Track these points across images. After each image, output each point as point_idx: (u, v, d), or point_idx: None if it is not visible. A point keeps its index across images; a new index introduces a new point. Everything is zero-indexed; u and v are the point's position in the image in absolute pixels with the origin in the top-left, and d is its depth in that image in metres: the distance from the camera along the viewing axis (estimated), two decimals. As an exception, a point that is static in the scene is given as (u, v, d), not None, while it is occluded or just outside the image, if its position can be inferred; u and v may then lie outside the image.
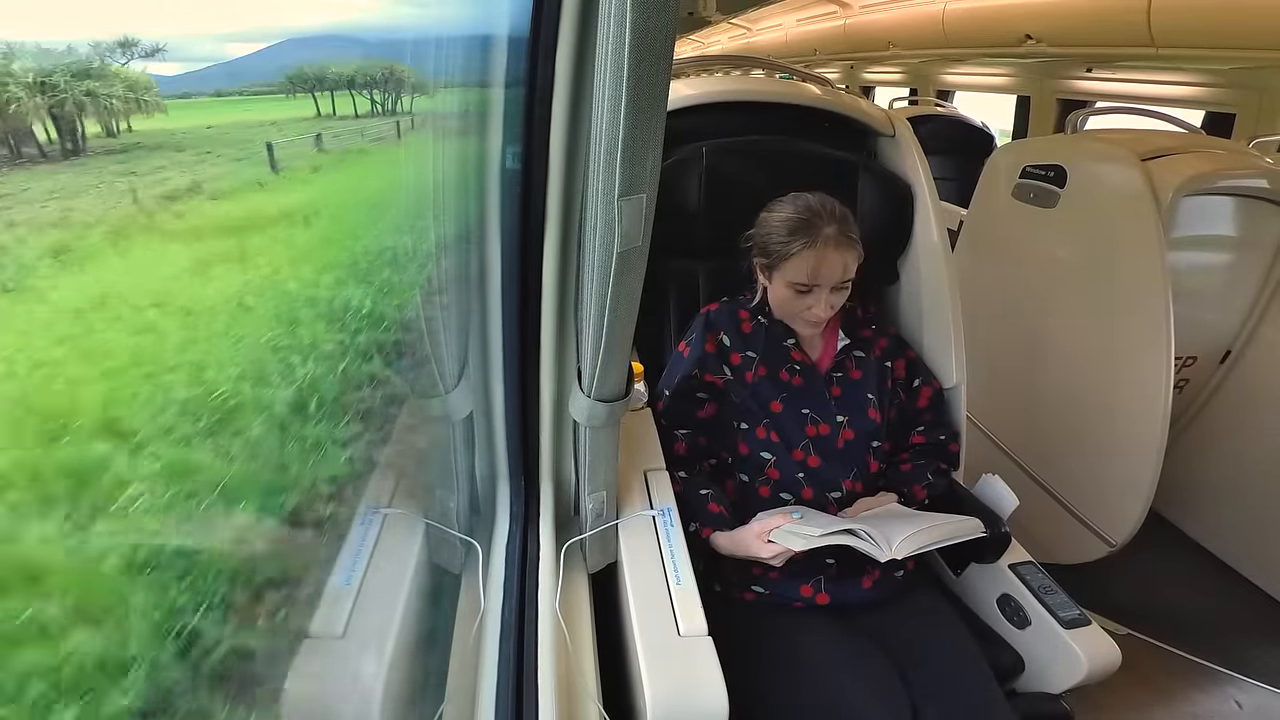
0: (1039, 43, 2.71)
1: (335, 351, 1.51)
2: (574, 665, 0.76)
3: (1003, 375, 1.96)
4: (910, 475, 1.11)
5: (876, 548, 0.86)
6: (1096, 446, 1.72)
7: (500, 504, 0.91)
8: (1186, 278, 1.72)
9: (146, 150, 1.92)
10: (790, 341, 1.09)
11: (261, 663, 1.07)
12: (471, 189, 0.74)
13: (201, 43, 1.54)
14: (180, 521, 1.20)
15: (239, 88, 2.21)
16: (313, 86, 2.35)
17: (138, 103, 1.86)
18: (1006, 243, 2.00)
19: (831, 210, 1.01)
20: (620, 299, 0.66)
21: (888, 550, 0.86)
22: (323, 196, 1.98)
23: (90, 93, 1.68)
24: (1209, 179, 1.61)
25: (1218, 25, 2.00)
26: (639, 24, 0.49)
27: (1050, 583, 1.07)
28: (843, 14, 4.44)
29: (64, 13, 1.36)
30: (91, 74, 1.67)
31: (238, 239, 1.77)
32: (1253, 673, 1.58)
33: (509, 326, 0.81)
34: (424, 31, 0.65)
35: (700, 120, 1.31)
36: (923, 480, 1.10)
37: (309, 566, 1.20)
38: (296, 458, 1.35)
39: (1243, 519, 1.88)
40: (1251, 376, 1.86)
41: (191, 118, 2.08)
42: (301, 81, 2.31)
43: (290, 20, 1.68)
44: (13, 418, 1.26)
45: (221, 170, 2.00)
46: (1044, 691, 1.02)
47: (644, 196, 0.60)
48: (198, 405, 1.37)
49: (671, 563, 0.85)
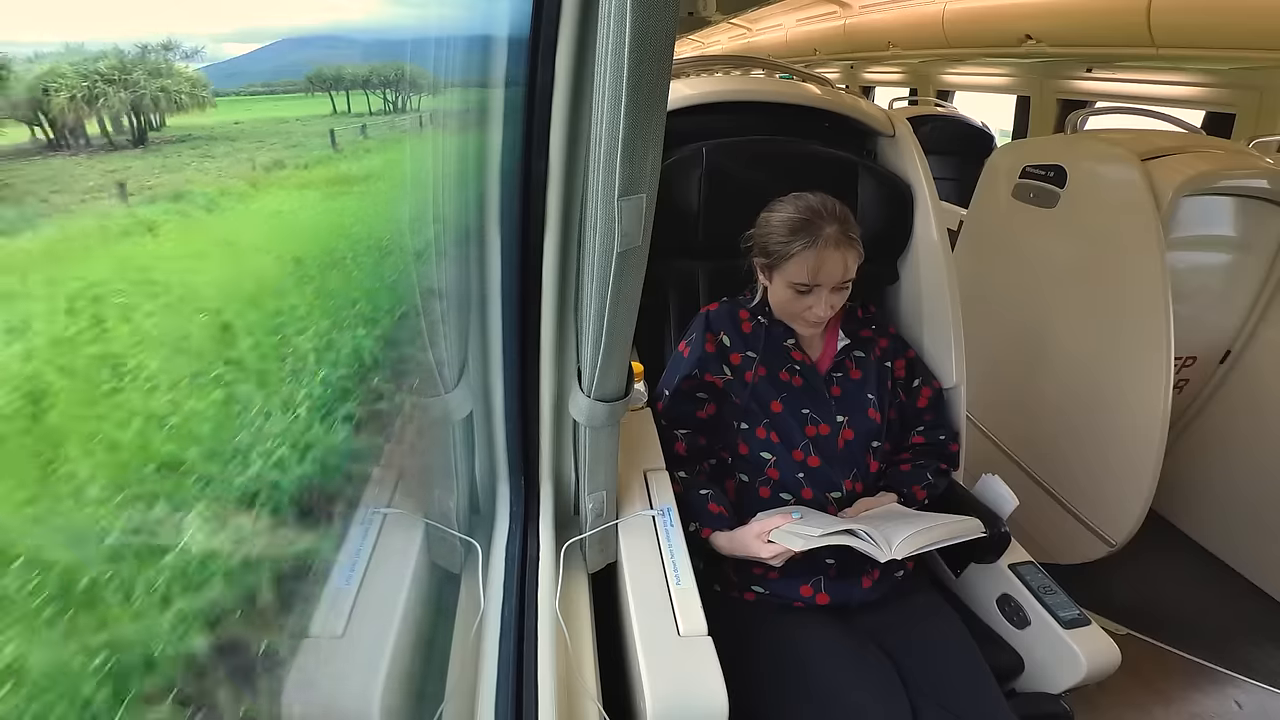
0: (1039, 43, 2.71)
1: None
2: (574, 665, 0.76)
3: (1003, 375, 1.96)
4: (910, 475, 1.11)
5: (876, 548, 0.87)
6: (1096, 446, 1.72)
7: (500, 504, 0.91)
8: (1186, 278, 1.72)
9: (204, 140, 2.24)
10: (790, 341, 1.09)
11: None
12: (472, 189, 0.74)
13: (191, 41, 1.59)
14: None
15: (261, 85, 2.39)
16: (330, 86, 2.60)
17: (197, 98, 2.14)
18: (1006, 243, 2.00)
19: (833, 210, 1.01)
20: (620, 299, 0.66)
21: (888, 550, 0.86)
22: (382, 168, 2.42)
23: (164, 89, 2.01)
24: (1209, 179, 1.61)
25: (1217, 25, 2.00)
26: (639, 24, 0.49)
27: (1050, 583, 1.07)
28: (843, 14, 4.44)
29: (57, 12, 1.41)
30: (162, 72, 2.00)
31: (344, 187, 2.34)
32: (1253, 673, 1.58)
33: (509, 326, 0.81)
34: (424, 32, 0.65)
35: (700, 120, 1.31)
36: (923, 480, 1.10)
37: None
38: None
39: (1243, 519, 1.88)
40: (1251, 376, 1.87)
41: (225, 114, 2.32)
42: (321, 81, 2.58)
43: (278, 21, 1.72)
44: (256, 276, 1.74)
45: (291, 152, 2.44)
46: (1043, 691, 1.02)
47: (644, 196, 0.60)
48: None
49: (671, 563, 0.85)
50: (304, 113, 2.61)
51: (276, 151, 2.35)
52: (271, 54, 2.22)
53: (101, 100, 1.85)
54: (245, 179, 2.15)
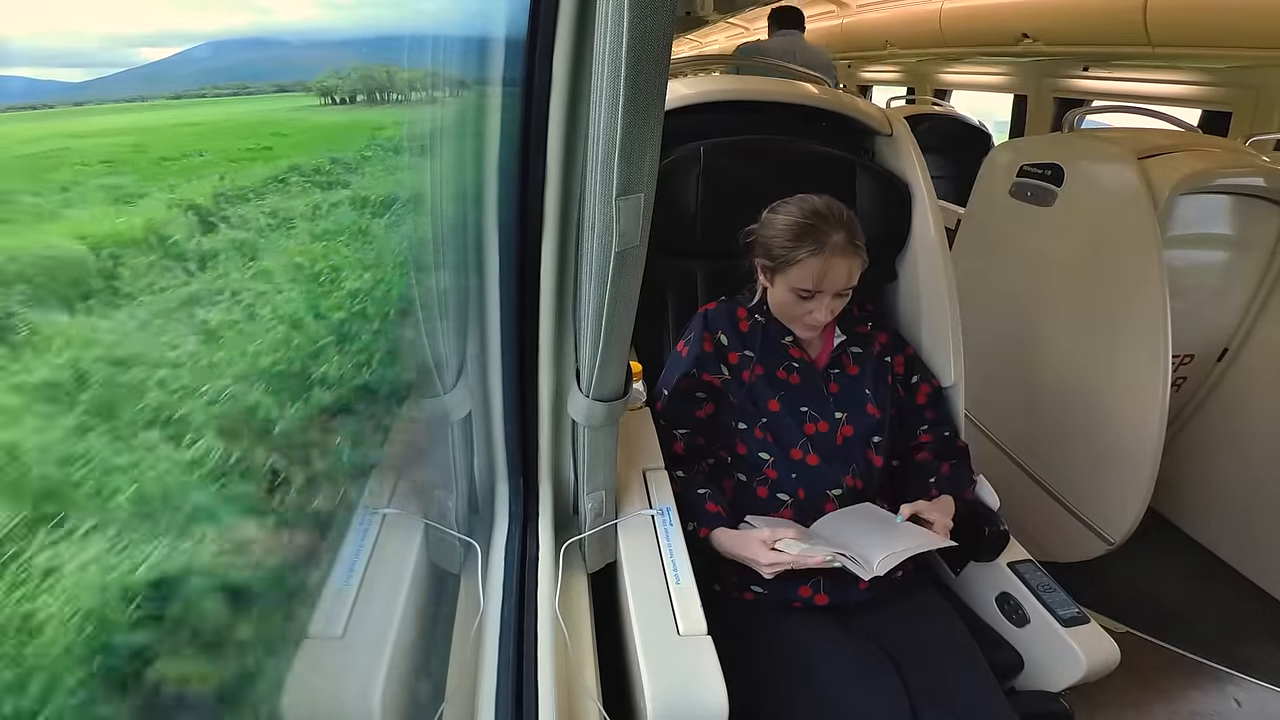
0: (1036, 42, 2.72)
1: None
2: (574, 665, 0.76)
3: (1001, 373, 1.96)
4: (927, 467, 1.12)
5: (861, 568, 0.89)
6: (1094, 445, 1.72)
7: (499, 504, 0.91)
8: (1183, 276, 1.72)
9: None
10: (788, 339, 1.09)
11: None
12: (469, 189, 0.74)
13: (88, 43, 1.45)
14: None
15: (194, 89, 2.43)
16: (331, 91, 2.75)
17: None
18: (1004, 241, 2.01)
19: (839, 216, 1.00)
20: (618, 298, 0.66)
21: (870, 570, 0.88)
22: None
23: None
24: (1205, 177, 1.62)
25: (1214, 24, 2.01)
26: (636, 25, 0.49)
27: (1049, 581, 1.08)
28: (840, 13, 4.45)
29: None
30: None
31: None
32: (1252, 671, 1.58)
33: (507, 326, 0.81)
34: (420, 31, 0.65)
35: (698, 120, 1.31)
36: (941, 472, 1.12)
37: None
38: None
39: (1241, 516, 1.89)
40: (1249, 374, 1.87)
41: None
42: (326, 91, 2.70)
43: (187, 24, 1.62)
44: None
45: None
46: (1043, 690, 1.03)
47: (641, 196, 0.60)
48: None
49: (671, 562, 0.85)
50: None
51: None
52: (189, 58, 2.22)
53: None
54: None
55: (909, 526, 0.97)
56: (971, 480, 1.14)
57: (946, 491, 1.08)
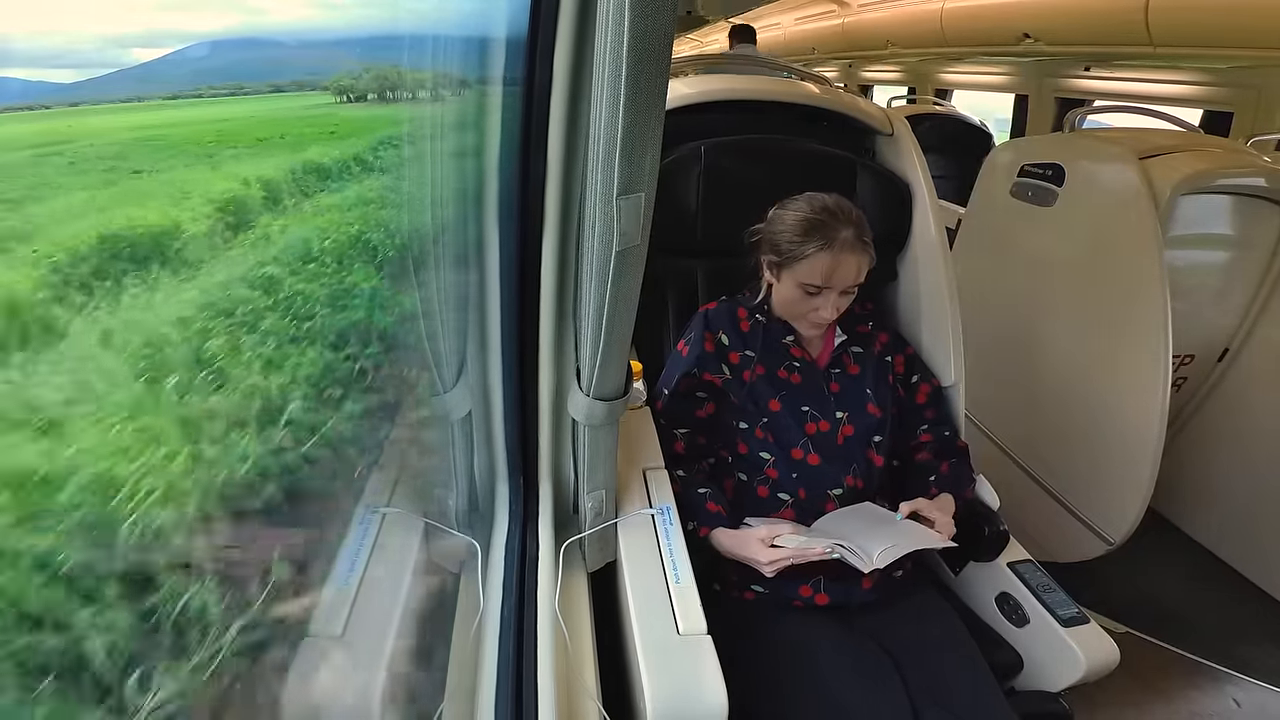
0: (1037, 41, 2.72)
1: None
2: (574, 664, 0.76)
3: (1001, 373, 1.96)
4: (928, 467, 1.12)
5: (860, 560, 0.89)
6: (1095, 445, 1.72)
7: (499, 503, 0.91)
8: (1184, 276, 1.72)
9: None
10: (789, 339, 1.09)
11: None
12: (470, 189, 0.74)
13: (82, 44, 1.46)
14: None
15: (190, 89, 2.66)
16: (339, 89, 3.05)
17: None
18: (1005, 241, 2.01)
19: (849, 213, 1.00)
20: (619, 298, 0.66)
21: (869, 562, 0.88)
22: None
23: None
24: (1207, 177, 1.61)
25: (1215, 24, 2.01)
26: (637, 25, 0.49)
27: (1049, 581, 1.08)
28: (841, 13, 4.44)
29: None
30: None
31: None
32: (1251, 671, 1.59)
33: (508, 325, 0.81)
34: (419, 31, 0.65)
35: (699, 119, 1.31)
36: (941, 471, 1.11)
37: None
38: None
39: (1241, 517, 1.89)
40: (1249, 374, 1.87)
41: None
42: (340, 89, 2.90)
43: (179, 24, 1.63)
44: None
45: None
46: (1043, 690, 1.03)
47: (642, 195, 0.60)
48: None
49: (671, 562, 0.85)
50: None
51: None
52: (181, 58, 2.38)
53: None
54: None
55: (909, 524, 0.98)
56: (971, 480, 1.14)
57: (946, 490, 1.08)
